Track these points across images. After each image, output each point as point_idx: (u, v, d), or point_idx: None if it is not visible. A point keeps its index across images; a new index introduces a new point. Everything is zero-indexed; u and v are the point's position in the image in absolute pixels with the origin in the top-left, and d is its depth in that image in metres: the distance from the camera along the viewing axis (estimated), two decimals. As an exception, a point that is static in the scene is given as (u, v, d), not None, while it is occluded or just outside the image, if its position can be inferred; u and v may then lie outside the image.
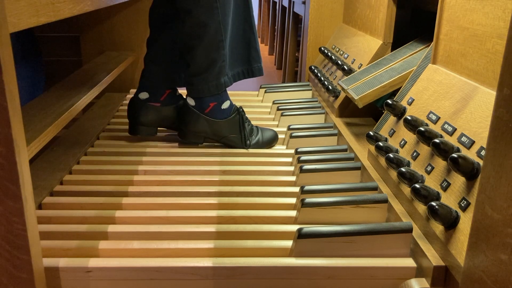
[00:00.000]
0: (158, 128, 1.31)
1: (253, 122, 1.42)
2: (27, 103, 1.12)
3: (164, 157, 1.15)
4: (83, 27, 1.75)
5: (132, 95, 1.25)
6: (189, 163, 1.13)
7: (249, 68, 1.24)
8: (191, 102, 1.18)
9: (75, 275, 0.71)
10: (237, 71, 1.22)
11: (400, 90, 1.07)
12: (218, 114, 1.18)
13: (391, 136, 1.00)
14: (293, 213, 0.89)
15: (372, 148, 1.01)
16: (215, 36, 1.12)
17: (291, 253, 0.76)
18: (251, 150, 1.21)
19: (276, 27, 3.35)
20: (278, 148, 1.25)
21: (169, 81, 1.26)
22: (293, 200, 0.94)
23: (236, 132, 1.20)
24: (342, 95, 1.39)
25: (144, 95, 1.22)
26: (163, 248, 0.76)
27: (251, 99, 1.68)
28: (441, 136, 0.80)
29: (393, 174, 0.91)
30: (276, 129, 1.36)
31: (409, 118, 0.87)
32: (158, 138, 1.28)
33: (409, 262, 0.73)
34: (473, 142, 0.74)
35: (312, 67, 1.71)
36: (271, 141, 1.24)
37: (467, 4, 0.86)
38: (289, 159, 1.15)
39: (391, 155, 0.89)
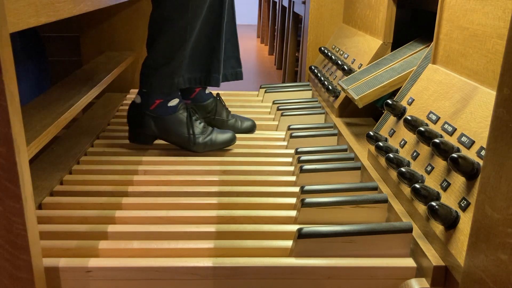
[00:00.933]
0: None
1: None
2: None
3: (164, 157, 1.15)
4: (83, 27, 1.75)
5: (132, 95, 1.26)
6: (189, 163, 1.13)
7: (207, 76, 1.21)
8: (137, 99, 1.15)
9: (75, 275, 0.71)
10: (194, 76, 1.20)
11: (400, 90, 1.07)
12: (163, 111, 1.14)
13: (391, 136, 1.00)
14: (293, 213, 0.89)
15: (372, 148, 1.01)
16: (180, 35, 1.10)
17: (291, 253, 0.76)
18: (251, 150, 1.21)
19: (276, 27, 3.35)
20: (278, 148, 1.25)
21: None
22: (293, 200, 0.94)
23: (183, 130, 1.14)
24: (342, 95, 1.39)
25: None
26: (163, 248, 0.76)
27: (251, 99, 1.68)
28: (441, 136, 0.80)
29: (393, 174, 0.91)
30: (276, 129, 1.37)
31: (409, 118, 0.87)
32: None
33: (409, 262, 0.73)
34: (473, 142, 0.74)
35: (312, 67, 1.71)
36: (225, 142, 1.19)
37: (467, 4, 0.86)
38: (289, 159, 1.15)
39: (391, 155, 0.89)
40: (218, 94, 1.36)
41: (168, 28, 1.09)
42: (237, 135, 1.26)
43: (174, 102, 1.15)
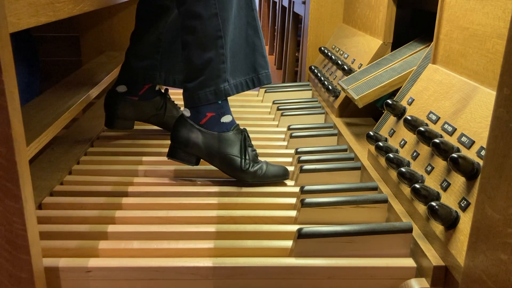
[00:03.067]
0: (156, 127, 1.32)
1: (253, 122, 1.42)
2: (21, 104, 1.12)
3: (164, 157, 1.14)
4: (83, 27, 1.75)
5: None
6: (189, 163, 1.13)
7: (255, 76, 1.08)
8: (186, 113, 1.02)
9: (75, 275, 0.71)
10: (241, 80, 1.07)
11: (400, 90, 1.07)
12: (215, 127, 1.01)
13: (391, 136, 1.00)
14: (293, 213, 0.89)
15: (372, 148, 1.01)
16: (211, 30, 0.98)
17: (291, 253, 0.76)
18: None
19: (276, 27, 3.35)
20: (278, 148, 1.25)
21: (149, 77, 1.23)
22: (293, 200, 0.94)
23: (235, 152, 1.01)
24: (342, 95, 1.39)
25: (122, 88, 1.21)
26: (163, 248, 0.76)
27: (251, 99, 1.68)
28: (441, 136, 0.80)
29: (393, 174, 0.91)
30: (276, 129, 1.37)
31: (409, 118, 0.87)
32: (158, 138, 1.28)
33: (409, 262, 0.73)
34: (473, 142, 0.74)
35: (312, 67, 1.71)
36: (276, 176, 1.03)
37: (467, 4, 0.86)
38: (289, 159, 1.15)
39: (391, 155, 0.89)
40: (166, 90, 1.30)
41: (197, 25, 0.98)
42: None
43: (227, 118, 1.03)
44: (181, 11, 1.02)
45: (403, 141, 0.94)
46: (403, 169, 0.82)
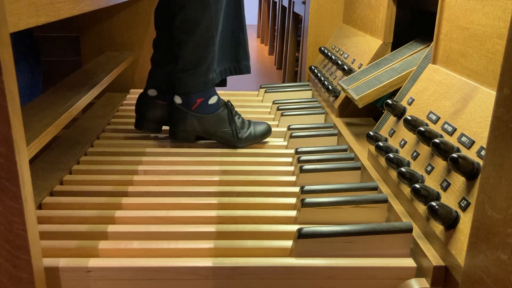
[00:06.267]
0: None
1: (253, 122, 1.42)
2: (24, 104, 1.12)
3: (164, 157, 1.15)
4: (83, 27, 1.75)
5: (133, 95, 1.26)
6: (189, 163, 1.13)
7: (237, 65, 1.24)
8: (178, 100, 1.18)
9: (75, 275, 0.71)
10: (224, 67, 1.22)
11: (400, 90, 1.07)
12: (205, 110, 1.18)
13: (391, 136, 1.00)
14: (293, 213, 0.89)
15: (372, 148, 1.01)
16: (206, 33, 1.12)
17: (291, 253, 0.76)
18: (251, 150, 1.21)
19: (276, 27, 3.35)
20: (278, 148, 1.25)
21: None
22: (293, 200, 0.94)
23: (226, 126, 1.19)
24: (342, 95, 1.39)
25: (152, 92, 1.25)
26: (163, 248, 0.76)
27: (251, 99, 1.68)
28: (441, 136, 0.80)
29: (393, 174, 0.91)
30: (276, 129, 1.37)
31: (409, 118, 0.87)
32: (158, 138, 1.28)
33: (409, 262, 0.73)
34: (473, 142, 0.74)
35: (312, 67, 1.71)
36: (264, 134, 1.23)
37: (467, 4, 0.86)
38: (289, 159, 1.15)
39: (391, 155, 0.89)
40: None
41: (194, 29, 1.11)
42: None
43: (213, 99, 1.19)
44: (178, 14, 1.12)
45: (403, 141, 0.94)
46: (403, 169, 0.82)
